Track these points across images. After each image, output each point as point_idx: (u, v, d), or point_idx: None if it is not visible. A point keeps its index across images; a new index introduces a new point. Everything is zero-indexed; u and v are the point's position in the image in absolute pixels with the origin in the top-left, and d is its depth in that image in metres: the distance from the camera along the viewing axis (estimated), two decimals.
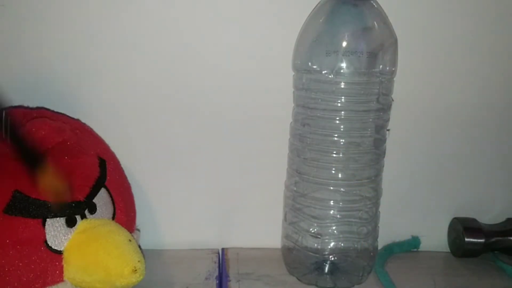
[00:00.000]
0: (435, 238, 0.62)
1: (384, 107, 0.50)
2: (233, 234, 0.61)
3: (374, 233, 0.53)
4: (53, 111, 0.53)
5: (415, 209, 0.58)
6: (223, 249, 0.60)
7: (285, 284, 0.53)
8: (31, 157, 0.43)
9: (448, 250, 0.62)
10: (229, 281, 0.53)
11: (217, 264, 0.56)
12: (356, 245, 0.51)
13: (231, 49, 0.56)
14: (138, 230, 0.54)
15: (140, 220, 0.54)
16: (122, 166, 0.54)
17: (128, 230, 0.47)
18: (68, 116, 0.53)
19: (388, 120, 0.51)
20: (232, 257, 0.58)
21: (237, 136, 0.58)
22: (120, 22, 0.54)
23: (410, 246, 0.60)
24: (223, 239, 0.60)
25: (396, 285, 0.52)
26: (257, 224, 0.60)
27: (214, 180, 0.59)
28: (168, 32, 0.55)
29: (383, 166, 0.53)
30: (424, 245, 0.61)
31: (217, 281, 0.53)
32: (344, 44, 0.47)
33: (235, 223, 0.60)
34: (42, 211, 0.43)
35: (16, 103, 0.54)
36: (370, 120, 0.49)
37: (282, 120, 0.57)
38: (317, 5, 0.51)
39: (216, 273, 0.54)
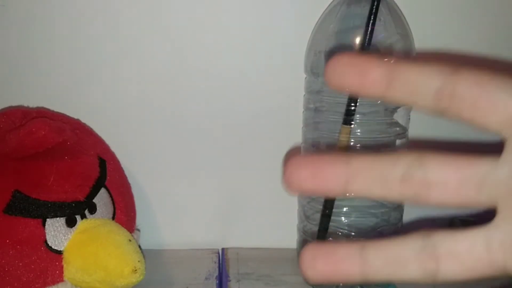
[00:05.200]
0: None
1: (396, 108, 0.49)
2: (233, 234, 0.61)
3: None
4: (53, 111, 0.53)
5: (415, 209, 0.58)
6: (223, 249, 0.60)
7: (285, 284, 0.53)
8: None
9: None
10: (229, 281, 0.53)
11: (217, 264, 0.56)
12: None
13: (238, 50, 0.56)
14: (138, 230, 0.54)
15: (140, 220, 0.54)
16: (122, 166, 0.54)
17: (128, 230, 0.47)
18: (68, 116, 0.53)
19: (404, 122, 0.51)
20: (232, 257, 0.58)
21: (238, 136, 0.58)
22: (120, 22, 0.54)
23: None
24: (223, 239, 0.60)
25: (396, 285, 0.52)
26: (257, 224, 0.60)
27: (214, 180, 0.59)
28: (170, 31, 0.55)
29: None
30: None
31: (217, 281, 0.53)
32: (357, 45, 0.46)
33: (235, 223, 0.61)
34: (42, 211, 0.43)
35: (16, 103, 0.54)
36: (386, 123, 0.49)
37: (283, 120, 0.57)
38: (329, 6, 0.50)
39: (216, 273, 0.54)
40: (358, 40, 0.46)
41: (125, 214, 0.50)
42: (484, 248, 0.20)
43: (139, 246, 0.46)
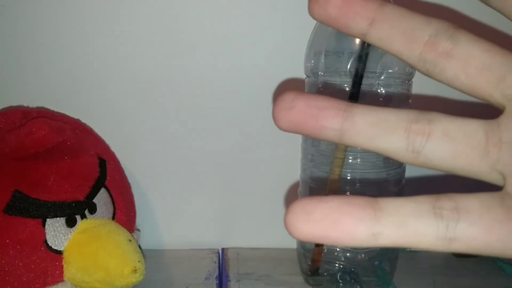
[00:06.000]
0: None
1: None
2: (233, 234, 0.61)
3: None
4: (53, 111, 0.53)
5: None
6: (223, 249, 0.60)
7: (285, 284, 0.53)
8: None
9: None
10: (229, 281, 0.53)
11: (217, 264, 0.56)
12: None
13: (238, 50, 0.56)
14: (138, 230, 0.54)
15: (140, 220, 0.54)
16: (122, 166, 0.54)
17: (128, 230, 0.47)
18: (68, 116, 0.53)
19: None
20: (232, 257, 0.58)
21: (238, 136, 0.58)
22: (120, 22, 0.54)
23: None
24: (223, 239, 0.60)
25: (396, 285, 0.52)
26: (257, 224, 0.60)
27: (215, 180, 0.59)
28: (170, 31, 0.55)
29: (404, 171, 0.52)
30: None
31: (217, 281, 0.53)
32: (357, 45, 0.46)
33: (235, 223, 0.61)
34: (42, 211, 0.43)
35: (16, 103, 0.54)
36: None
37: None
38: None
39: (216, 273, 0.54)
40: (358, 40, 0.46)
41: (125, 214, 0.50)
42: (482, 138, 0.18)
43: (139, 246, 0.46)
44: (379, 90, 0.48)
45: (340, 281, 0.51)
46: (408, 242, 0.18)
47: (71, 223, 0.44)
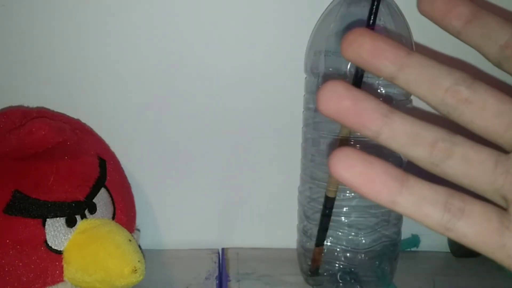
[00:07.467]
0: (435, 238, 0.61)
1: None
2: (233, 234, 0.61)
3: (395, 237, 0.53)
4: (53, 111, 0.53)
5: None
6: (223, 249, 0.60)
7: (285, 284, 0.53)
8: None
9: (448, 250, 0.62)
10: (229, 281, 0.53)
11: (217, 264, 0.56)
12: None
13: (238, 50, 0.55)
14: (138, 230, 0.54)
15: (140, 220, 0.54)
16: (122, 166, 0.54)
17: (128, 230, 0.47)
18: (68, 116, 0.53)
19: None
20: (232, 257, 0.58)
21: (238, 136, 0.58)
22: (120, 22, 0.54)
23: (410, 244, 0.60)
24: (223, 239, 0.60)
25: (396, 285, 0.52)
26: (257, 224, 0.60)
27: (214, 180, 0.59)
28: (170, 31, 0.55)
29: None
30: (424, 245, 0.61)
31: (217, 281, 0.53)
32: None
33: (235, 223, 0.61)
34: (42, 211, 0.43)
35: (16, 103, 0.54)
36: None
37: (283, 120, 0.57)
38: (329, 6, 0.50)
39: (216, 273, 0.54)
40: None
41: (125, 214, 0.50)
42: (492, 166, 0.21)
43: (139, 246, 0.46)
44: (379, 91, 0.48)
45: (340, 281, 0.51)
46: (416, 218, 0.22)
47: (71, 223, 0.44)
